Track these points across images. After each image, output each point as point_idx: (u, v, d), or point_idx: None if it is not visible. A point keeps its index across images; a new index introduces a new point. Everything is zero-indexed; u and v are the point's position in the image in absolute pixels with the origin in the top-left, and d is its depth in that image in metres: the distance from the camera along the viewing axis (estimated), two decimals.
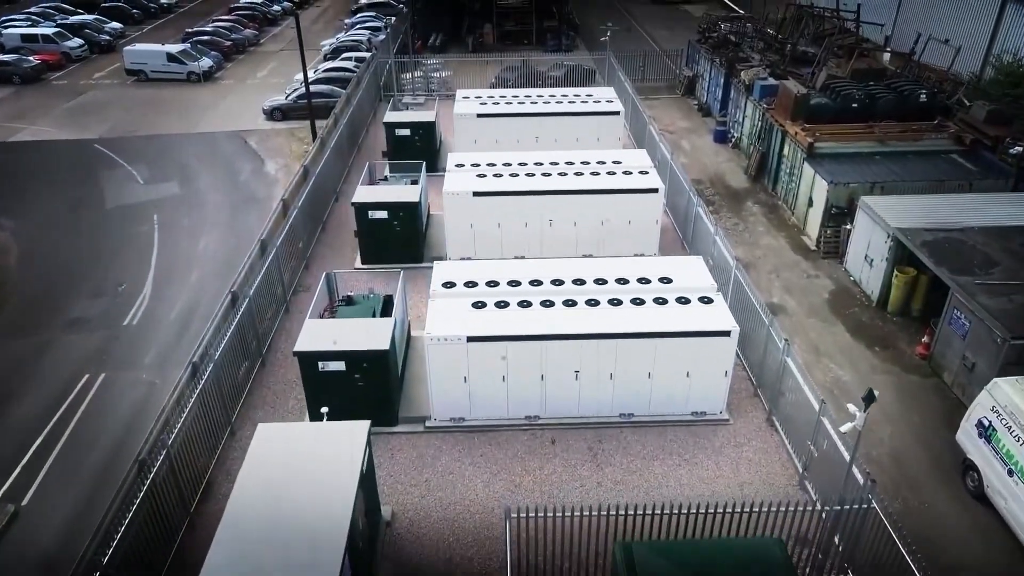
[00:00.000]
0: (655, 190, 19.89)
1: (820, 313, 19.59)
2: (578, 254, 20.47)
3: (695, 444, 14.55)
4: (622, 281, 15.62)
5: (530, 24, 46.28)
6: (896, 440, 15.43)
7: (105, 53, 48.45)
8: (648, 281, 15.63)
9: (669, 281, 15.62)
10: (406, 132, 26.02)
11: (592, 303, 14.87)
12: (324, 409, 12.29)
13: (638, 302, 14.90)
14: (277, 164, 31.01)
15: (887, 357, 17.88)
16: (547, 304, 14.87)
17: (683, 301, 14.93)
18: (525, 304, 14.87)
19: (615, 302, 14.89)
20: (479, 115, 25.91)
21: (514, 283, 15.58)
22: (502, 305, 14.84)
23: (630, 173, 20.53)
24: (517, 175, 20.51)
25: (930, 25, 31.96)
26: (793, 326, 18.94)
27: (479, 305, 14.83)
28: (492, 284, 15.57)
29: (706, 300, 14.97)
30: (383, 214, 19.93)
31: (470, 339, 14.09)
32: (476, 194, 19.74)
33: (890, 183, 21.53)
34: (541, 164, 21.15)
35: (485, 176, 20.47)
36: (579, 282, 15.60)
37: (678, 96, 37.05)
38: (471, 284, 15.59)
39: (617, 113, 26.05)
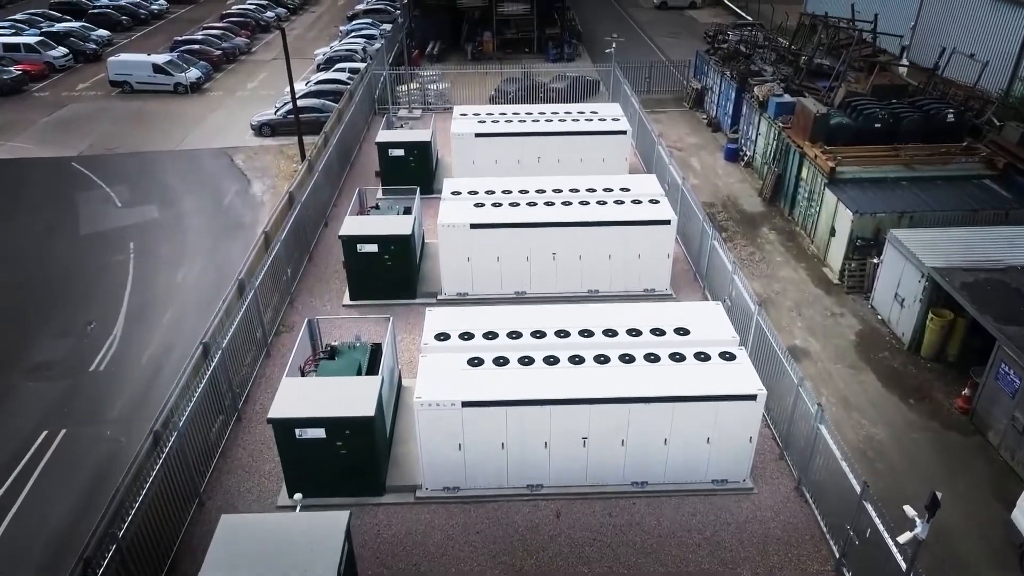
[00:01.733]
0: (667, 222, 18.39)
1: (847, 358, 18.01)
2: (583, 289, 19.02)
3: (716, 519, 13.00)
4: (634, 332, 14.09)
5: (531, 32, 44.70)
6: (940, 511, 13.83)
7: (91, 62, 46.71)
8: (663, 332, 14.09)
9: (686, 332, 14.09)
10: (400, 152, 24.46)
11: (601, 359, 13.34)
12: (298, 496, 10.81)
13: (652, 359, 13.36)
14: (264, 185, 29.38)
15: (923, 411, 16.32)
16: (551, 361, 13.33)
17: (702, 357, 13.39)
18: (527, 361, 13.34)
19: (627, 358, 13.36)
20: (477, 134, 24.39)
21: (514, 334, 14.05)
22: (501, 362, 13.30)
23: (639, 202, 19.01)
24: (518, 204, 19.00)
25: (950, 37, 30.41)
26: (819, 373, 17.38)
27: (475, 362, 13.30)
28: (490, 336, 14.04)
29: (728, 356, 13.43)
30: (373, 247, 18.43)
31: (465, 404, 12.56)
32: (474, 226, 18.24)
33: (920, 213, 19.96)
34: (543, 191, 19.64)
35: (483, 205, 18.97)
36: (586, 333, 14.07)
37: (686, 109, 35.48)
38: (467, 336, 14.07)
39: (624, 132, 24.51)
